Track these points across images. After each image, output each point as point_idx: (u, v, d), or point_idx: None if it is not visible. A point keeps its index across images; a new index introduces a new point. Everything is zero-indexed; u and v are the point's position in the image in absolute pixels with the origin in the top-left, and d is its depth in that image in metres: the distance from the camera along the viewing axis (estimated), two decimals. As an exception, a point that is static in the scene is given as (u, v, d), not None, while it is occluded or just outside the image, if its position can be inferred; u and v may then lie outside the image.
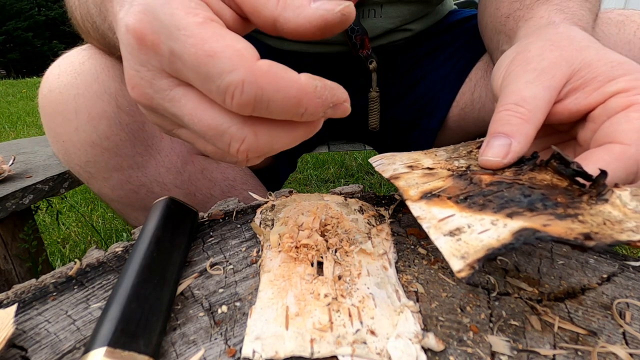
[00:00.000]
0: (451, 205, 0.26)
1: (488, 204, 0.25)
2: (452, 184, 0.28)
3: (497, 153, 0.28)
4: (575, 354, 0.23)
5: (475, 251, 0.21)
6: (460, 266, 0.21)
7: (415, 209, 0.26)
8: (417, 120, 0.70)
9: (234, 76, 0.20)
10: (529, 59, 0.32)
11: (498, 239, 0.22)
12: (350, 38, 0.61)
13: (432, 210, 0.26)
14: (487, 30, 0.53)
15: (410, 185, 0.29)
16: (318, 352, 0.22)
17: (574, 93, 0.30)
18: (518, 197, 0.25)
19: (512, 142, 0.28)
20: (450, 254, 0.22)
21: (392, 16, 0.63)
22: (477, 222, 0.24)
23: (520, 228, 0.22)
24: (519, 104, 0.29)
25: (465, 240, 0.22)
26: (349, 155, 2.05)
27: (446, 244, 0.23)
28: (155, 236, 0.29)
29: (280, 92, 0.21)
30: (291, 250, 0.30)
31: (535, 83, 0.30)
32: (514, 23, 0.44)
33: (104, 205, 1.54)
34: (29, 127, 3.46)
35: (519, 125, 0.29)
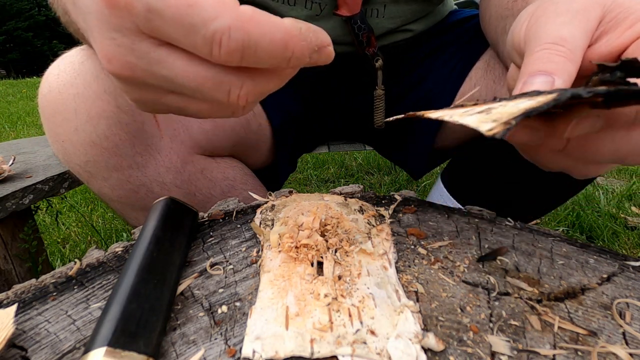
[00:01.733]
0: (481, 105, 0.25)
1: (520, 96, 0.24)
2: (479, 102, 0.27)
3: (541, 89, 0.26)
4: (575, 354, 0.23)
5: (510, 114, 0.20)
6: (492, 126, 0.19)
7: (433, 114, 0.25)
8: (418, 120, 0.70)
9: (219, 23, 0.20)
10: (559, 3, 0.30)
11: (538, 101, 0.20)
12: (357, 36, 0.61)
13: (456, 111, 0.24)
14: (492, 19, 0.53)
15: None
16: (318, 352, 0.22)
17: (606, 35, 0.29)
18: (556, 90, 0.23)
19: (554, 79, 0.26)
20: (479, 122, 0.20)
21: (395, 16, 0.63)
22: (510, 102, 0.22)
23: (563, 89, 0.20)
24: (558, 43, 0.27)
25: (498, 111, 0.21)
26: (349, 155, 2.05)
27: (473, 117, 0.21)
28: (155, 236, 0.29)
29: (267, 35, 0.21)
30: (291, 250, 0.30)
31: (572, 24, 0.28)
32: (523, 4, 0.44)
33: (104, 205, 1.54)
34: (29, 127, 3.46)
35: (562, 64, 0.27)
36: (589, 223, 1.20)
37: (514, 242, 0.33)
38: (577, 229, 1.19)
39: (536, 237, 0.34)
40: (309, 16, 0.61)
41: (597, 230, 1.17)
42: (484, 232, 0.34)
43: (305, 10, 0.61)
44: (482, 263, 0.30)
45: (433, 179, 1.61)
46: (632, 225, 1.18)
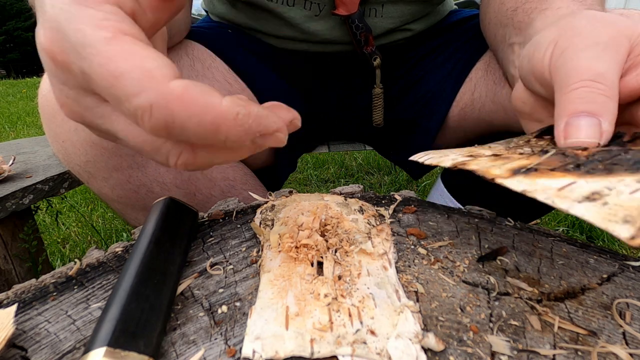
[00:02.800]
0: (562, 174, 0.21)
1: (614, 167, 0.21)
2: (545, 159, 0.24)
3: (591, 134, 0.25)
4: (575, 354, 0.23)
5: (637, 208, 0.18)
6: (632, 232, 0.17)
7: (513, 184, 0.22)
8: (418, 119, 0.70)
9: (140, 100, 0.19)
10: (584, 34, 0.29)
11: None
12: (355, 35, 0.61)
13: (539, 182, 0.21)
14: (492, 25, 0.53)
15: (489, 167, 0.24)
16: (318, 352, 0.22)
17: (634, 69, 0.28)
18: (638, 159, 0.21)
19: (601, 121, 0.25)
20: (606, 220, 0.18)
21: (393, 16, 0.63)
22: (616, 183, 0.20)
23: None
24: (598, 80, 0.26)
25: (617, 203, 0.18)
26: (349, 155, 2.05)
27: (590, 210, 0.19)
28: (155, 236, 0.29)
29: (195, 117, 0.19)
30: (291, 250, 0.30)
31: (605, 58, 0.27)
32: (524, 15, 0.44)
33: (104, 205, 1.54)
34: (29, 127, 3.46)
35: (604, 103, 0.26)
36: (589, 223, 1.20)
37: (514, 242, 0.33)
38: (577, 229, 1.19)
39: (536, 237, 0.34)
40: (308, 16, 0.61)
41: (597, 230, 1.17)
42: (484, 232, 0.34)
43: (305, 10, 0.61)
44: (482, 263, 0.30)
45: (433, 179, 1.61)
46: (632, 225, 1.18)
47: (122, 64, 0.19)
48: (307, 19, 0.61)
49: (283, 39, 0.66)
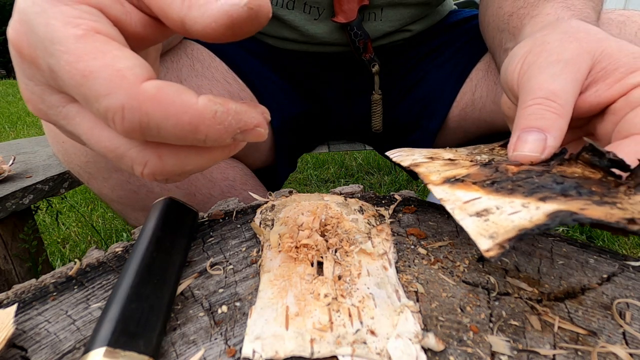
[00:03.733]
0: (477, 189, 0.25)
1: (517, 189, 0.24)
2: (477, 171, 0.27)
3: (534, 148, 0.27)
4: (575, 354, 0.23)
5: (506, 231, 0.20)
6: (489, 245, 0.20)
7: (437, 191, 0.25)
8: (418, 120, 0.70)
9: (111, 100, 0.18)
10: (549, 50, 0.31)
11: (531, 220, 0.21)
12: (354, 42, 0.61)
13: (456, 193, 0.25)
14: (490, 29, 0.53)
15: (432, 172, 0.28)
16: (318, 352, 0.22)
17: (594, 85, 0.29)
18: (550, 184, 0.23)
19: (547, 137, 0.27)
20: (478, 234, 0.21)
21: (393, 19, 0.63)
22: (506, 204, 0.22)
23: (555, 210, 0.21)
24: (550, 98, 0.28)
25: (494, 221, 0.21)
26: (349, 155, 2.05)
27: (473, 223, 0.22)
28: (155, 236, 0.29)
29: (171, 118, 0.18)
30: (291, 250, 0.30)
31: (563, 76, 0.29)
32: (518, 21, 0.44)
33: (104, 205, 1.54)
34: (29, 127, 3.46)
35: (553, 120, 0.27)
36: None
37: (514, 242, 0.33)
38: (577, 229, 1.19)
39: (536, 237, 0.34)
40: (307, 20, 0.61)
41: (597, 230, 1.17)
42: (484, 232, 0.34)
43: (304, 14, 0.61)
44: (482, 263, 0.30)
45: (433, 179, 1.61)
46: (632, 226, 1.18)
47: (92, 62, 0.18)
48: (307, 22, 0.61)
49: (283, 40, 0.66)
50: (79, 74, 0.18)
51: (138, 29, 0.21)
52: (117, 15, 0.20)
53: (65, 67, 0.18)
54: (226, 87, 0.60)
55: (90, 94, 0.18)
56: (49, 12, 0.19)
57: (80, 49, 0.18)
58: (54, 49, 0.18)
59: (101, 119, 0.19)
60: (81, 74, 0.18)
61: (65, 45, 0.18)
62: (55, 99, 0.21)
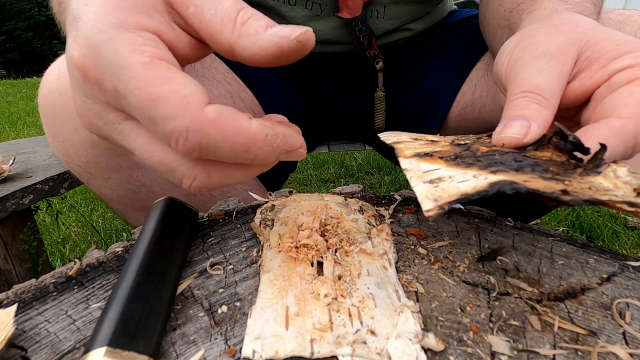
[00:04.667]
0: (440, 162, 0.26)
1: (476, 163, 0.25)
2: (448, 149, 0.28)
3: (517, 132, 0.28)
4: (575, 354, 0.23)
5: (449, 195, 0.22)
6: (430, 206, 0.22)
7: (404, 162, 0.27)
8: (419, 120, 0.70)
9: (177, 123, 0.20)
10: (536, 43, 0.31)
11: (474, 188, 0.22)
12: (358, 39, 0.61)
13: (420, 165, 0.26)
14: (490, 27, 0.53)
15: (408, 148, 0.30)
16: (318, 352, 0.22)
17: (579, 74, 0.30)
18: (508, 162, 0.25)
19: (531, 123, 0.28)
20: (425, 197, 0.23)
21: (394, 17, 0.63)
22: (459, 174, 0.24)
23: (499, 179, 0.22)
24: (534, 92, 0.29)
25: (443, 187, 0.23)
26: (349, 155, 2.05)
27: (424, 189, 0.23)
28: (155, 236, 0.29)
29: (228, 140, 0.21)
30: (291, 250, 0.30)
31: (548, 69, 0.29)
32: (518, 16, 0.44)
33: (104, 205, 1.54)
34: (29, 127, 3.46)
35: (537, 110, 0.28)
36: (589, 223, 1.20)
37: (514, 242, 0.33)
38: (577, 229, 1.19)
39: (536, 237, 0.34)
40: (308, 16, 0.61)
41: (597, 230, 1.17)
42: (484, 232, 0.34)
43: (306, 10, 0.61)
44: (482, 263, 0.30)
45: (433, 179, 1.61)
46: (632, 225, 1.18)
47: (160, 88, 0.20)
48: (308, 19, 0.61)
49: None
50: (147, 98, 0.20)
51: (186, 51, 0.24)
52: (170, 40, 0.23)
53: (134, 92, 0.20)
54: (227, 87, 0.60)
55: (157, 116, 0.20)
56: (116, 40, 0.20)
57: (147, 75, 0.20)
58: (123, 74, 0.20)
59: (163, 138, 0.21)
60: (149, 98, 0.20)
61: (134, 71, 0.20)
62: (112, 116, 0.23)
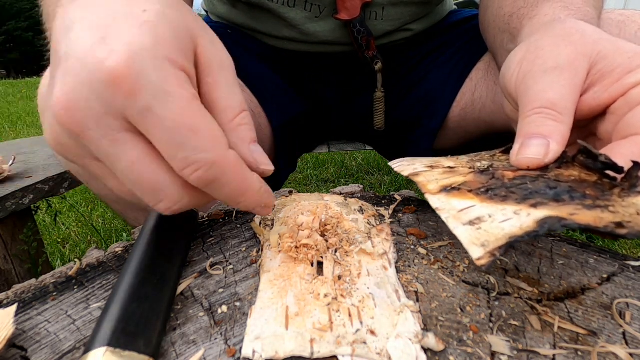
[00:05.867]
0: (472, 197, 0.25)
1: (511, 196, 0.24)
2: (473, 179, 0.27)
3: (537, 152, 0.27)
4: (575, 354, 0.23)
5: (497, 239, 0.21)
6: (480, 254, 0.21)
7: (434, 201, 0.26)
8: (418, 120, 0.70)
9: (206, 156, 0.22)
10: (545, 56, 0.31)
11: (521, 227, 0.21)
12: (357, 40, 0.61)
13: (452, 202, 0.25)
14: (490, 29, 0.53)
15: (430, 181, 0.29)
16: (318, 352, 0.22)
17: (592, 87, 0.30)
18: (543, 190, 0.24)
19: (550, 142, 0.28)
20: (470, 243, 0.22)
21: (394, 18, 0.63)
22: (498, 212, 0.23)
23: (545, 216, 0.21)
24: (549, 107, 0.29)
25: (486, 229, 0.22)
26: (349, 155, 2.05)
27: (465, 232, 0.22)
28: (155, 236, 0.29)
29: (235, 182, 0.24)
30: (291, 250, 0.30)
31: (561, 83, 0.29)
32: (518, 21, 0.44)
33: (104, 205, 1.54)
34: (29, 127, 3.46)
35: (554, 127, 0.28)
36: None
37: (514, 242, 0.33)
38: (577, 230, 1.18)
39: (536, 238, 0.34)
40: (308, 18, 0.61)
41: (597, 230, 1.17)
42: (484, 232, 0.34)
43: (305, 12, 0.61)
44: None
45: (433, 179, 1.60)
46: (632, 226, 1.18)
47: (199, 122, 0.22)
48: (307, 20, 0.61)
49: (283, 40, 0.66)
50: (186, 127, 0.22)
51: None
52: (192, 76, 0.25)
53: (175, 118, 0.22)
54: None
55: (190, 145, 0.22)
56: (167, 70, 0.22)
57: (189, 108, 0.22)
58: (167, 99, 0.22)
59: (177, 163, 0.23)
60: (189, 128, 0.22)
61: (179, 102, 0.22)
62: (115, 123, 0.23)
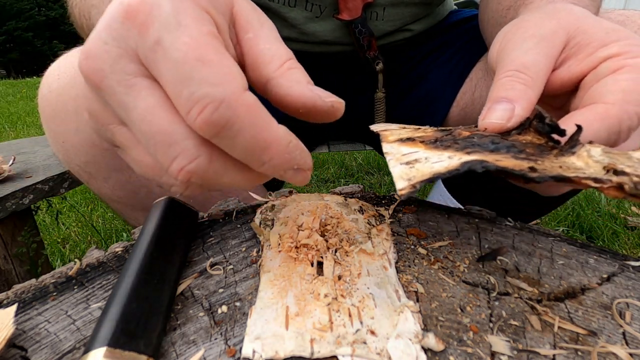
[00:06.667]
0: (420, 145, 0.27)
1: (454, 145, 0.26)
2: (431, 134, 0.29)
3: (501, 116, 0.28)
4: (575, 354, 0.23)
5: (422, 175, 0.23)
6: (403, 185, 0.22)
7: (386, 147, 0.28)
8: (419, 119, 0.70)
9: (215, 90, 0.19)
10: (526, 27, 0.32)
11: (447, 167, 0.23)
12: (358, 40, 0.61)
13: (401, 148, 0.27)
14: (489, 25, 0.53)
15: (393, 134, 0.30)
16: (318, 352, 0.22)
17: (567, 61, 0.30)
18: (486, 144, 0.25)
19: (515, 106, 0.28)
20: (399, 177, 0.23)
21: (394, 19, 0.63)
22: (435, 156, 0.25)
23: (470, 159, 0.23)
24: (521, 71, 0.29)
25: (418, 168, 0.24)
26: (349, 155, 2.05)
27: (400, 169, 0.24)
28: (155, 236, 0.29)
29: (254, 128, 0.19)
30: (291, 250, 0.30)
31: (536, 50, 0.30)
32: (514, 12, 0.44)
33: (104, 205, 1.54)
34: (29, 127, 3.46)
35: (522, 91, 0.28)
36: (589, 223, 1.20)
37: (514, 242, 0.33)
38: (577, 229, 1.19)
39: (536, 237, 0.34)
40: (308, 17, 0.61)
41: (597, 230, 1.17)
42: (484, 232, 0.34)
43: (306, 11, 0.61)
44: (482, 263, 0.30)
45: (433, 179, 1.60)
46: (632, 225, 1.18)
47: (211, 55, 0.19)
48: (308, 20, 0.61)
49: (283, 40, 0.66)
50: (194, 57, 0.19)
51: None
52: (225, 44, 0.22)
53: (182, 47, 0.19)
54: None
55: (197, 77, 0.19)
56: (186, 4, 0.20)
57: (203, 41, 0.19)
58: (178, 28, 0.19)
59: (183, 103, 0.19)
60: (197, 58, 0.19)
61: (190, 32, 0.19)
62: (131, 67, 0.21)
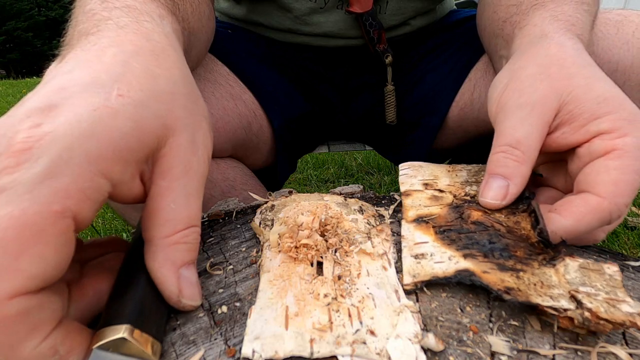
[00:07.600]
0: (431, 233, 0.30)
1: (457, 241, 0.29)
2: (444, 214, 0.32)
3: (496, 195, 0.31)
4: (575, 354, 0.23)
5: (424, 275, 0.27)
6: (408, 281, 0.27)
7: (404, 228, 0.32)
8: (418, 119, 0.70)
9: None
10: (521, 90, 0.33)
11: (444, 272, 0.26)
12: (369, 33, 0.62)
13: (415, 235, 0.30)
14: (486, 33, 0.53)
15: (413, 206, 0.34)
16: (318, 352, 0.22)
17: (562, 127, 0.32)
18: (484, 242, 0.28)
19: (509, 184, 0.31)
20: (407, 272, 0.27)
21: (397, 12, 0.64)
22: (439, 253, 0.28)
23: (463, 268, 0.26)
24: (514, 146, 0.31)
25: (422, 265, 0.27)
26: (349, 155, 2.05)
27: (409, 262, 0.28)
28: None
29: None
30: (291, 250, 0.30)
31: (529, 120, 0.32)
32: (511, 29, 0.44)
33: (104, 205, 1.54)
34: (29, 127, 3.45)
35: (515, 168, 0.31)
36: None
37: (514, 242, 0.33)
38: (577, 229, 1.19)
39: (536, 237, 0.34)
40: (313, 9, 0.61)
41: (597, 230, 1.17)
42: (484, 232, 0.34)
43: (310, 2, 0.61)
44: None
45: (433, 179, 1.60)
46: (632, 225, 1.18)
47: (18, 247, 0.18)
48: (312, 11, 0.62)
49: (286, 32, 0.66)
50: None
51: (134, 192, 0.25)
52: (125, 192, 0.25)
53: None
54: (228, 89, 0.60)
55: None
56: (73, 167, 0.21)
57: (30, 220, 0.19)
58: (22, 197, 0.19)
59: None
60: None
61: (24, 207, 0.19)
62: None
